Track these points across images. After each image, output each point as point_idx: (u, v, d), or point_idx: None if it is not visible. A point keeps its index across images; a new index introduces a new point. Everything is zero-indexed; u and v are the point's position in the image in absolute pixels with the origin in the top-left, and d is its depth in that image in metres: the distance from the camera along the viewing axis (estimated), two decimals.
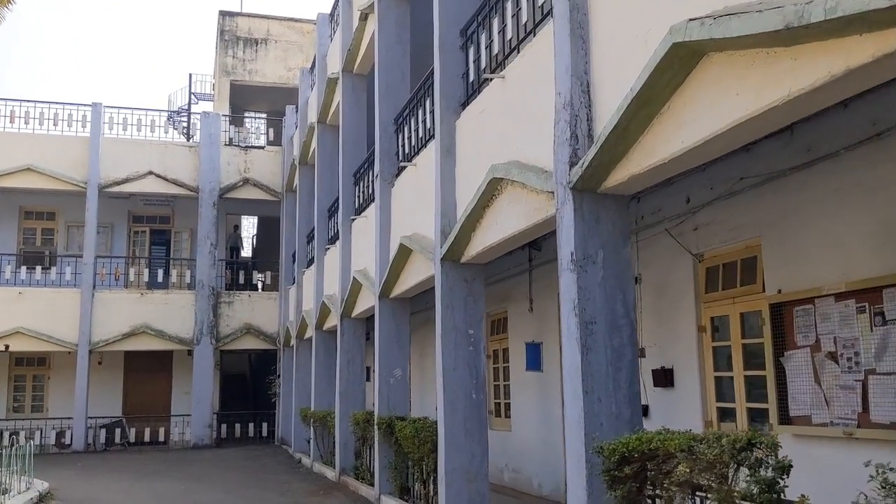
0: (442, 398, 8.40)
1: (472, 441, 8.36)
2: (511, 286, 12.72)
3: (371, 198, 12.84)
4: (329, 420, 15.12)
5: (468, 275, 8.64)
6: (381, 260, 11.57)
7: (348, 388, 14.18)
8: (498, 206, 7.41)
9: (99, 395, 23.53)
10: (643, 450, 4.51)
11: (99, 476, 16.73)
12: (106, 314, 22.91)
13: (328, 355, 17.24)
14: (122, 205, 25.46)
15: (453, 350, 8.46)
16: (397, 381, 11.36)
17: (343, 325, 14.40)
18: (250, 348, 24.71)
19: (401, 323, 11.56)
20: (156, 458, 20.30)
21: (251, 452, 21.39)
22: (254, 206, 26.63)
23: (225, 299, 24.19)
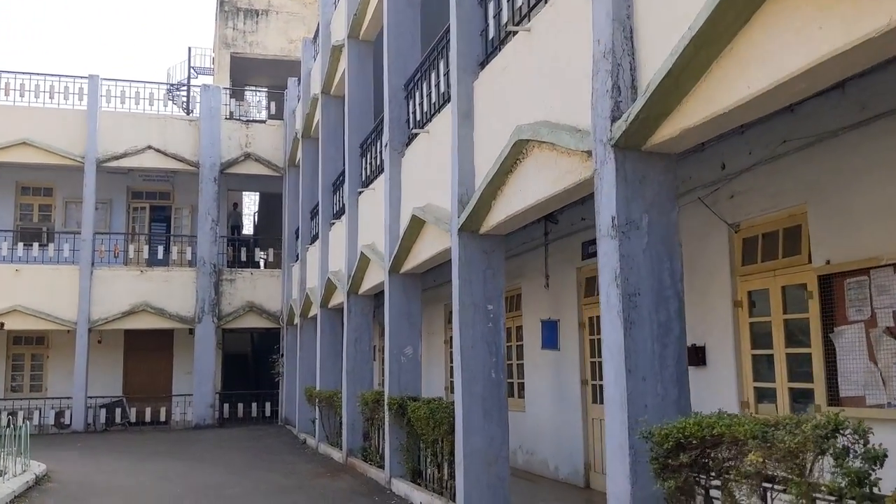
0: (459, 377, 7.89)
1: (491, 423, 7.86)
2: (525, 261, 12.19)
3: (379, 169, 12.29)
4: (335, 400, 14.65)
5: (487, 246, 8.10)
6: (390, 233, 11.03)
7: (356, 367, 13.70)
8: (523, 171, 6.85)
9: (99, 375, 23.11)
10: (703, 436, 3.99)
11: (98, 457, 16.31)
12: (105, 292, 22.42)
13: (334, 334, 16.75)
14: (120, 180, 24.89)
15: (471, 326, 7.95)
16: (408, 360, 10.86)
17: (350, 301, 13.89)
18: (253, 327, 24.24)
19: (412, 299, 11.04)
20: (157, 439, 19.89)
21: (254, 433, 20.98)
22: (255, 182, 26.05)
23: (227, 277, 23.68)
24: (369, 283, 12.92)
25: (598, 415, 10.28)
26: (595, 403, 10.39)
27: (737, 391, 7.48)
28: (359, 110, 14.23)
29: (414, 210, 9.73)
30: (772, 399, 7.24)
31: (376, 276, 12.25)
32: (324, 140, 17.19)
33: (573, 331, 10.86)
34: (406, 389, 10.77)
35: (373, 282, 12.63)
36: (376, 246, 12.29)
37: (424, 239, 9.77)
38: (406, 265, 10.72)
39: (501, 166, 7.04)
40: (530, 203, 6.72)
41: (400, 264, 10.82)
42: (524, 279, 12.31)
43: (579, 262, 10.77)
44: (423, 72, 10.27)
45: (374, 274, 12.40)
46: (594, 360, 10.46)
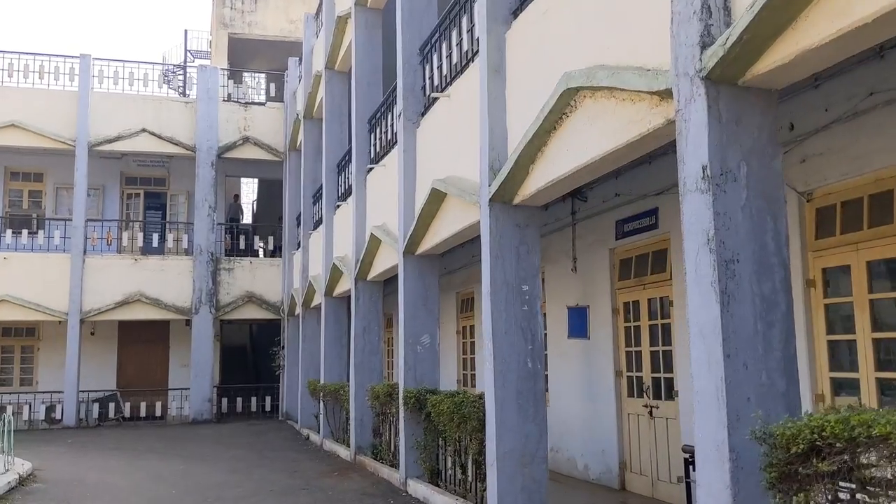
0: (491, 368, 6.95)
1: (526, 419, 6.92)
2: (549, 243, 11.23)
3: (391, 143, 11.33)
4: (342, 394, 13.71)
5: (521, 219, 7.15)
6: (405, 211, 10.08)
7: (364, 358, 12.75)
8: (570, 126, 5.90)
9: (91, 368, 22.18)
10: (853, 437, 3.05)
11: (89, 454, 15.37)
12: (97, 281, 21.44)
13: (338, 323, 15.82)
14: (114, 165, 23.90)
15: (504, 310, 7.00)
16: (425, 350, 9.92)
17: (357, 288, 12.93)
18: (252, 318, 23.27)
19: (429, 283, 10.09)
20: (152, 435, 18.95)
21: (254, 428, 20.05)
22: (254, 168, 25.05)
23: (225, 266, 22.70)
24: (380, 268, 11.97)
25: (634, 409, 9.36)
26: (631, 397, 9.46)
27: (810, 382, 6.53)
28: (367, 83, 13.25)
29: (434, 183, 8.77)
30: (852, 391, 6.31)
31: (388, 260, 11.30)
32: (328, 118, 16.21)
33: (606, 318, 9.92)
34: (423, 382, 9.84)
35: (384, 266, 11.67)
36: (388, 227, 11.33)
37: (446, 214, 8.81)
38: (423, 245, 9.76)
39: (543, 124, 6.09)
40: (580, 163, 5.76)
41: (416, 244, 9.86)
42: (548, 262, 11.34)
43: (613, 242, 9.83)
44: (442, 31, 9.30)
45: (386, 257, 11.45)
46: (630, 350, 9.53)
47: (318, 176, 18.85)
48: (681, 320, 8.39)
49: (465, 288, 14.68)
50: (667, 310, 8.86)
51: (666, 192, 8.70)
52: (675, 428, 8.56)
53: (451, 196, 8.48)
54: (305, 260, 18.97)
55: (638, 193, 9.20)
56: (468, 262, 14.12)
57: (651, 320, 9.12)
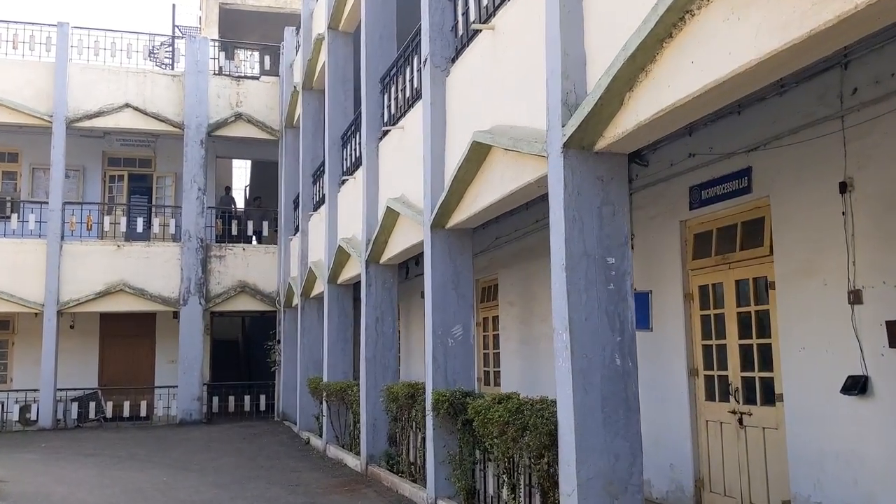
0: (568, 366, 5.23)
1: (615, 433, 5.21)
2: None
3: (413, 98, 9.58)
4: (350, 394, 11.99)
5: (604, 171, 5.42)
6: (432, 177, 8.33)
7: (377, 353, 11.04)
8: (704, 22, 4.17)
9: (70, 364, 20.39)
10: None
11: (64, 461, 13.62)
12: (77, 269, 19.64)
13: (344, 315, 14.09)
14: (95, 145, 22.07)
15: (584, 290, 5.28)
16: (458, 344, 8.20)
17: (369, 273, 11.19)
18: (245, 310, 21.52)
19: (461, 263, 8.36)
20: (135, 438, 17.19)
21: (248, 430, 18.30)
22: (247, 148, 23.25)
23: (216, 253, 20.91)
24: (397, 247, 10.23)
25: (716, 416, 7.66)
26: (711, 401, 7.76)
27: None
28: (379, 37, 11.48)
29: (475, 135, 7.01)
30: None
31: (409, 236, 9.56)
32: (331, 85, 14.44)
33: (675, 305, 8.19)
34: (455, 382, 8.12)
35: (403, 244, 9.93)
36: (408, 198, 9.59)
37: (490, 174, 7.07)
38: (455, 216, 8.03)
39: (658, 26, 4.35)
40: (725, 73, 4.01)
41: (446, 216, 8.13)
42: None
43: (685, 213, 8.10)
44: None
45: (406, 233, 9.70)
46: (709, 344, 7.82)
47: (319, 152, 17.15)
48: (785, 306, 6.68)
49: (488, 275, 12.98)
50: (762, 294, 7.15)
51: (763, 148, 7.00)
52: (776, 439, 6.87)
53: (497, 149, 6.74)
54: (305, 245, 17.22)
55: (721, 151, 7.49)
56: (490, 244, 12.51)
57: (741, 307, 7.40)
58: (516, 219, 11.14)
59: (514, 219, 11.15)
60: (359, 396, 11.38)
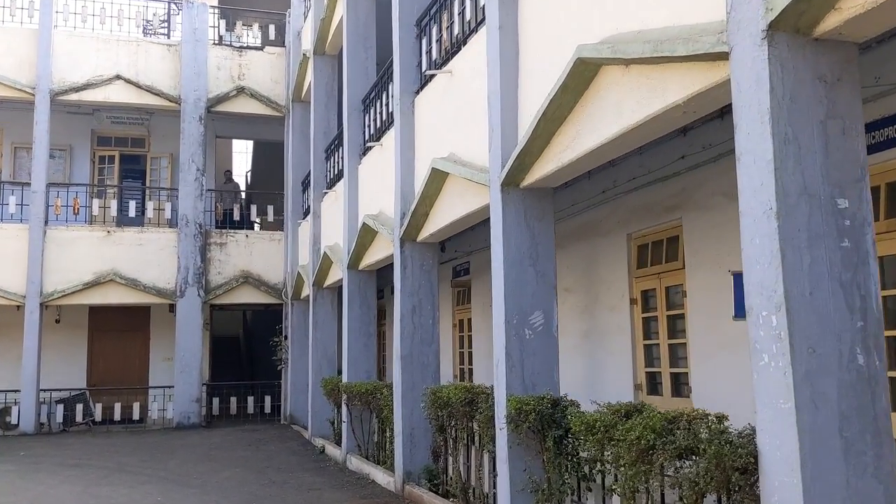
0: (786, 367, 3.37)
1: (859, 469, 3.35)
2: (690, 181, 7.67)
3: (474, 28, 7.67)
4: (379, 398, 10.11)
5: (826, 65, 3.57)
6: (503, 122, 6.42)
7: (414, 349, 9.17)
8: None
9: (56, 362, 18.55)
10: None
11: (43, 473, 11.76)
12: (62, 257, 17.75)
13: (367, 305, 12.21)
14: (83, 123, 20.17)
15: (804, 247, 3.43)
16: (537, 336, 6.32)
17: (404, 254, 9.30)
18: (249, 302, 19.59)
19: (540, 232, 6.46)
20: (127, 444, 15.31)
21: (252, 435, 16.43)
22: (249, 127, 21.32)
23: (216, 240, 19.01)
24: (444, 218, 8.31)
25: None
26: None
27: None
28: None
29: (579, 50, 5.12)
30: None
31: (463, 202, 7.65)
32: (350, 45, 12.53)
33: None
34: (535, 385, 6.25)
35: (453, 213, 8.01)
36: (459, 155, 7.69)
37: (597, 101, 5.17)
38: (538, 170, 6.12)
39: None
40: None
41: (524, 171, 6.23)
42: (687, 210, 7.76)
43: None
44: None
45: (459, 198, 7.78)
46: None
47: (332, 125, 15.34)
48: None
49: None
50: None
51: None
52: None
53: (611, 68, 4.86)
54: (317, 228, 15.33)
55: None
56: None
57: None
58: (573, 191, 9.26)
59: (570, 191, 9.26)
60: (391, 401, 9.51)
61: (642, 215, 8.42)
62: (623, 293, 8.72)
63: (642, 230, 8.49)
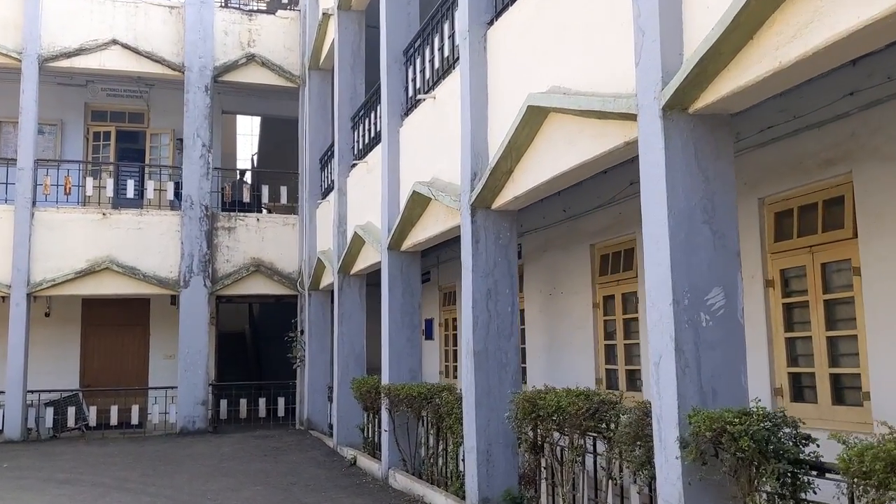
0: None
1: None
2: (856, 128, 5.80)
3: None
4: (439, 404, 8.19)
5: None
6: (662, 18, 4.53)
7: (490, 343, 7.26)
8: None
9: (45, 360, 16.68)
10: None
11: (26, 492, 9.88)
12: (52, 242, 15.84)
13: (410, 292, 10.31)
14: (76, 95, 18.26)
15: None
16: (716, 321, 4.43)
17: (476, 225, 7.34)
18: (259, 294, 17.64)
19: (716, 178, 4.53)
20: (126, 454, 13.40)
21: (267, 443, 14.53)
22: (258, 102, 19.38)
23: (223, 224, 17.09)
24: (540, 174, 6.29)
25: None
26: None
27: None
28: None
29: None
30: None
31: (573, 147, 5.68)
32: None
33: None
34: (716, 392, 4.36)
35: (556, 167, 5.99)
36: (565, 86, 5.77)
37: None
38: (713, 90, 4.23)
39: None
40: None
41: (703, 85, 4.33)
42: (859, 161, 5.90)
43: None
44: None
45: (567, 144, 5.80)
46: None
47: (359, 89, 13.50)
48: None
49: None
50: None
51: None
52: None
53: None
54: (342, 207, 13.41)
55: None
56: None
57: None
58: None
59: None
60: (457, 408, 7.60)
61: (784, 173, 6.56)
62: (753, 274, 6.85)
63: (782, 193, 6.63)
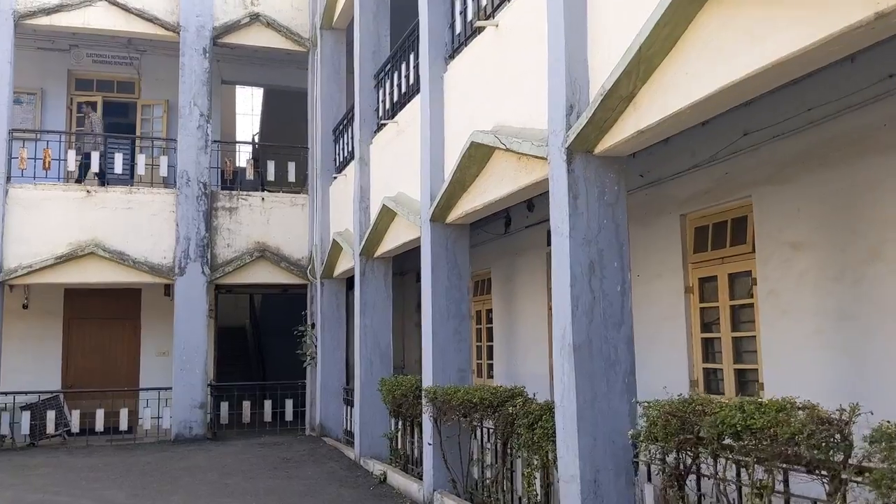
0: None
1: None
2: None
3: None
4: (514, 413, 6.28)
5: None
6: None
7: (594, 334, 5.33)
8: None
9: (22, 358, 14.80)
10: None
11: None
12: (29, 223, 13.92)
13: (457, 273, 8.36)
14: (58, 62, 16.35)
15: None
16: None
17: (573, 175, 5.41)
18: (264, 283, 15.70)
19: None
20: (113, 466, 11.50)
21: (275, 453, 12.63)
22: (261, 70, 17.45)
23: (224, 204, 15.17)
24: (691, 92, 4.48)
25: None
26: None
27: None
28: None
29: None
30: None
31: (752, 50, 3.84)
32: None
33: None
34: None
35: (715, 80, 4.17)
36: None
37: None
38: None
39: None
40: None
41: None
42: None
43: None
44: None
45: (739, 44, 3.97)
46: None
47: (384, 42, 11.71)
48: None
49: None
50: None
51: None
52: None
53: None
54: (364, 179, 11.49)
55: None
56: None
57: None
58: None
59: None
60: (546, 421, 5.71)
61: None
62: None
63: None
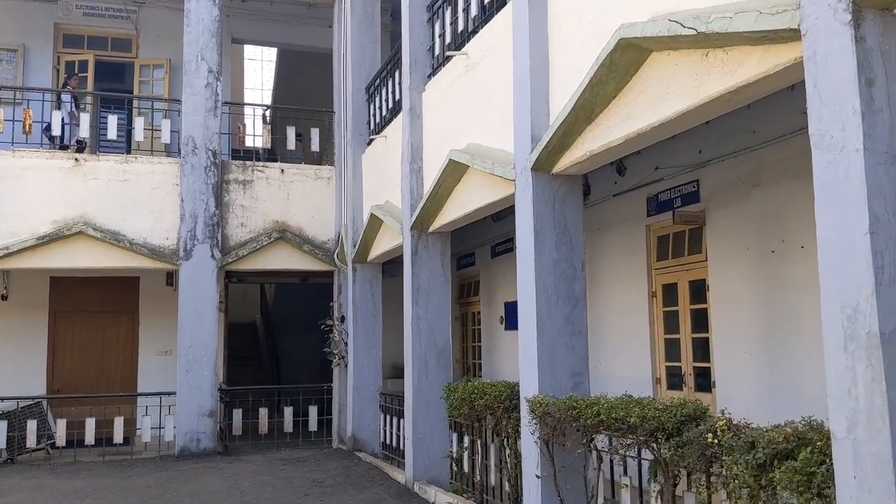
0: None
1: None
2: None
3: None
4: (730, 441, 4.05)
5: None
6: None
7: None
8: None
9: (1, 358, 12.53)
10: None
11: None
12: (6, 197, 11.71)
13: (568, 243, 6.10)
14: (43, 14, 14.20)
15: None
16: None
17: (866, 45, 3.28)
18: (285, 269, 13.40)
19: None
20: (104, 491, 9.28)
21: (301, 471, 10.40)
22: (275, 27, 15.26)
23: (237, 176, 12.92)
24: None
25: None
26: None
27: None
28: None
29: None
30: None
31: None
32: None
33: None
34: None
35: None
36: None
37: None
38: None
39: None
40: None
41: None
42: None
43: None
44: None
45: None
46: None
47: None
48: None
49: None
50: None
51: None
52: None
53: None
54: (415, 136, 9.23)
55: None
56: None
57: None
58: None
59: None
60: (817, 454, 3.49)
61: None
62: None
63: None
